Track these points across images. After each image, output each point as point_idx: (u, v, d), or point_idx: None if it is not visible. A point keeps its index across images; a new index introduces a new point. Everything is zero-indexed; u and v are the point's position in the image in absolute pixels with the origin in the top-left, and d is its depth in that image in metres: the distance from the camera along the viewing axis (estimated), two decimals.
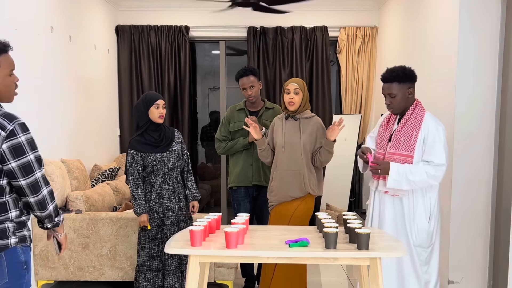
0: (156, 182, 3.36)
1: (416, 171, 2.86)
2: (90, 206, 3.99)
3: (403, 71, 2.93)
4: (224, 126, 3.85)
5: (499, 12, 3.49)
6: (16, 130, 1.95)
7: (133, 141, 3.34)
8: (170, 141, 3.39)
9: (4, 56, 2.00)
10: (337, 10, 5.99)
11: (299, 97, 3.35)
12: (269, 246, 2.48)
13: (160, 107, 3.32)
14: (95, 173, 4.87)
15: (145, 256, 3.38)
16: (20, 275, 2.02)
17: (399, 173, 2.86)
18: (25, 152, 1.97)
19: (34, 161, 2.00)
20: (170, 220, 3.38)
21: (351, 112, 6.05)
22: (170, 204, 3.38)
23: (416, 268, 2.96)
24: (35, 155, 2.01)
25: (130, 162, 3.32)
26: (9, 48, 2.02)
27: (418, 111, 2.97)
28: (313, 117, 3.42)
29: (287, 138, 3.36)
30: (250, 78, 3.73)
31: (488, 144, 3.57)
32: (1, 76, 1.99)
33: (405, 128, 2.95)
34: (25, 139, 1.98)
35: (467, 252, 3.63)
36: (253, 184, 3.79)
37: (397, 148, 2.95)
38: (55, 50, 4.26)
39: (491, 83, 3.54)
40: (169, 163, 3.35)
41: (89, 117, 5.03)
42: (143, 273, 3.38)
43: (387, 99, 2.98)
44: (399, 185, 2.88)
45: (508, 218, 3.26)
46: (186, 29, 5.93)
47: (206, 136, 7.94)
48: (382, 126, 3.14)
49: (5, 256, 1.97)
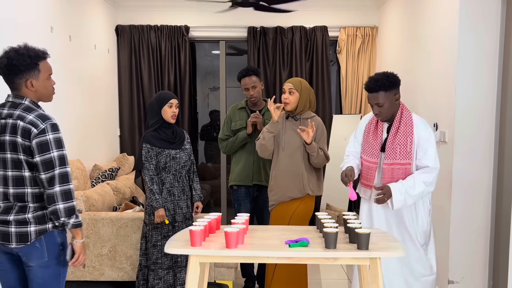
0: (167, 180, 3.38)
1: (414, 184, 2.85)
2: (90, 206, 3.99)
3: (387, 78, 2.87)
4: (226, 125, 3.86)
5: (499, 12, 3.49)
6: (47, 129, 2.23)
7: (148, 136, 3.34)
8: (183, 139, 3.44)
9: (43, 62, 2.32)
10: (337, 10, 5.99)
11: (294, 97, 3.32)
12: (269, 246, 2.48)
13: (173, 106, 3.35)
14: (95, 173, 4.87)
15: (157, 254, 3.37)
16: (57, 255, 2.34)
17: (401, 192, 2.85)
18: (49, 149, 2.23)
19: (57, 158, 2.24)
20: (180, 217, 3.41)
21: (351, 112, 6.05)
22: (180, 202, 3.41)
23: (415, 266, 2.99)
24: (59, 153, 2.25)
25: (146, 157, 3.32)
26: (47, 55, 2.36)
27: (406, 116, 2.94)
28: (313, 118, 3.41)
29: (287, 138, 3.35)
30: (252, 78, 3.73)
31: (488, 144, 3.57)
32: (42, 79, 2.32)
33: (398, 137, 2.92)
34: (53, 138, 2.24)
35: (467, 252, 3.63)
36: (253, 183, 3.79)
37: (394, 158, 2.92)
38: (55, 50, 4.26)
39: (491, 83, 3.54)
40: (181, 160, 3.39)
41: (89, 117, 5.03)
42: (155, 271, 3.38)
43: (375, 108, 2.93)
44: (403, 203, 2.88)
45: (508, 219, 3.26)
46: (186, 29, 5.93)
47: (207, 136, 7.94)
48: (369, 133, 3.06)
49: (44, 238, 2.28)
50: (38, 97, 2.36)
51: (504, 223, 3.43)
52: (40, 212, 2.29)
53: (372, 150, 3.01)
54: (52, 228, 2.30)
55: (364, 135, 3.10)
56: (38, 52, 2.31)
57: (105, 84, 5.61)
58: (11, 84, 2.32)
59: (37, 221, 2.28)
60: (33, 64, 2.27)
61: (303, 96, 3.34)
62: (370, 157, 3.02)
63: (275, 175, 3.38)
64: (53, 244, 2.31)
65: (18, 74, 2.27)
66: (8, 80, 2.31)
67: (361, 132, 3.15)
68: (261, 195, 3.83)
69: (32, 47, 2.31)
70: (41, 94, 2.35)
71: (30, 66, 2.27)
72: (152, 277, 3.38)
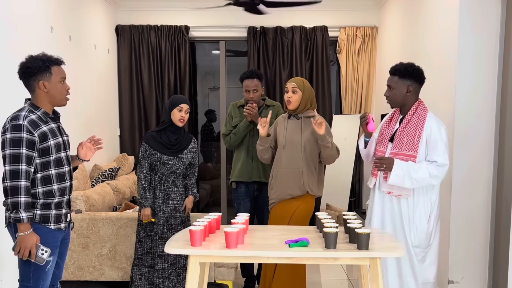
0: (154, 180, 3.43)
1: (419, 169, 2.85)
2: (90, 206, 3.99)
3: (406, 67, 2.97)
4: (229, 121, 3.90)
5: (499, 12, 3.49)
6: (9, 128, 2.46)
7: (148, 135, 3.44)
8: (183, 148, 3.46)
9: (56, 66, 2.56)
10: (337, 10, 5.98)
11: (297, 96, 3.35)
12: (269, 246, 2.48)
13: (183, 111, 3.39)
14: (95, 173, 4.87)
15: (142, 250, 3.45)
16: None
17: (402, 168, 2.85)
18: (4, 147, 2.47)
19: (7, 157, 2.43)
20: (161, 220, 3.42)
21: (351, 112, 6.05)
22: (163, 206, 3.43)
23: (415, 268, 2.97)
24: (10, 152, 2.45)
25: (143, 154, 3.43)
26: (61, 62, 2.60)
27: (420, 110, 2.96)
28: (315, 116, 3.42)
29: (288, 137, 3.37)
30: (255, 81, 3.75)
31: (488, 143, 3.57)
32: (53, 82, 2.54)
33: (407, 127, 2.94)
34: (9, 138, 2.45)
35: (467, 252, 3.63)
36: (253, 180, 3.80)
37: (400, 148, 2.94)
38: (55, 50, 4.25)
39: (491, 83, 3.54)
40: (172, 167, 3.41)
41: (89, 117, 5.03)
42: (138, 266, 3.46)
43: (386, 90, 3.03)
44: (400, 181, 2.87)
45: (508, 218, 3.26)
46: (186, 29, 5.93)
47: (206, 136, 7.95)
48: (385, 124, 3.13)
49: (13, 227, 2.49)
50: (51, 100, 2.56)
51: (504, 223, 3.43)
52: None
53: (382, 140, 3.06)
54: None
55: (381, 127, 3.16)
56: (51, 57, 2.55)
57: (105, 84, 5.61)
58: (28, 87, 2.54)
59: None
60: (45, 67, 2.50)
61: (305, 95, 3.37)
62: (380, 147, 3.07)
63: (276, 173, 3.40)
64: (15, 234, 2.50)
65: (32, 76, 2.49)
66: (25, 83, 2.54)
67: (378, 129, 3.20)
68: (262, 194, 3.83)
69: (47, 54, 2.56)
70: (53, 97, 2.55)
71: (42, 69, 2.49)
72: (135, 272, 3.45)
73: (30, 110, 2.49)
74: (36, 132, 2.46)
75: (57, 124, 2.63)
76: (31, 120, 2.46)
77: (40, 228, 2.51)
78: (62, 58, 2.62)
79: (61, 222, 2.60)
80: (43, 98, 2.53)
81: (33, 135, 2.44)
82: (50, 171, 2.53)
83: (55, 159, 2.54)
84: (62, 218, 2.61)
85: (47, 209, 2.53)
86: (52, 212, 2.55)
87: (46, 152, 2.50)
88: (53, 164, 2.54)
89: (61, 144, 2.59)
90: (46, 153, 2.50)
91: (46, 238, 2.52)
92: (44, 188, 2.52)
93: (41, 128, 2.48)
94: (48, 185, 2.53)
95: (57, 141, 2.55)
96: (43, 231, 2.52)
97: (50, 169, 2.53)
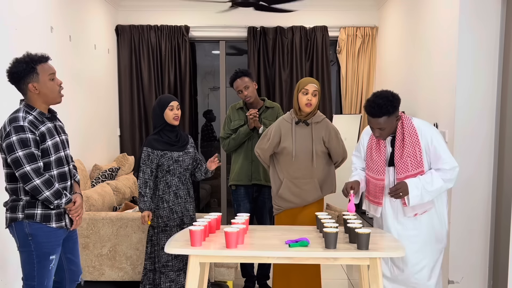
0: (173, 182, 3.37)
1: (432, 181, 2.77)
2: (90, 206, 3.99)
3: (391, 103, 2.71)
4: (227, 124, 3.87)
5: (499, 12, 3.49)
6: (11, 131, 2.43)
7: (150, 139, 3.39)
8: (186, 143, 3.44)
9: (41, 65, 2.47)
10: (337, 10, 5.98)
11: (316, 99, 3.26)
12: (269, 246, 2.48)
13: (174, 108, 3.36)
14: (95, 173, 4.87)
15: (167, 257, 3.35)
16: (27, 244, 2.51)
17: (418, 187, 2.76)
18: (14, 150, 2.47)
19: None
20: (187, 219, 3.41)
21: (351, 112, 6.05)
22: (187, 204, 3.41)
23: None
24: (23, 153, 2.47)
25: (144, 160, 3.34)
26: (46, 59, 2.49)
27: (407, 125, 2.82)
28: (323, 120, 3.35)
29: (298, 146, 3.25)
30: (244, 79, 3.73)
31: (488, 143, 3.57)
32: (42, 81, 2.47)
33: (406, 150, 2.81)
34: (16, 139, 2.44)
35: (467, 252, 3.63)
36: (253, 183, 3.79)
37: (407, 171, 2.82)
38: (55, 50, 4.26)
39: (491, 83, 3.54)
40: (184, 163, 3.39)
41: (89, 117, 5.03)
42: (165, 273, 3.36)
43: (376, 131, 2.80)
44: (419, 199, 2.78)
45: (508, 218, 3.26)
46: (186, 29, 5.93)
47: (206, 136, 7.94)
48: (372, 149, 2.95)
49: (15, 226, 2.52)
50: (45, 99, 2.52)
51: (504, 223, 3.43)
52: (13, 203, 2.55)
53: (377, 167, 2.91)
54: (22, 219, 2.50)
55: (367, 151, 3.00)
56: (34, 57, 2.46)
57: (105, 84, 5.61)
58: (20, 91, 2.50)
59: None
60: (30, 69, 2.43)
61: (319, 98, 3.31)
62: (376, 174, 2.92)
63: (288, 183, 3.28)
64: (22, 233, 2.51)
65: (20, 80, 2.45)
66: (16, 88, 2.51)
67: (363, 147, 3.06)
68: (261, 196, 3.83)
69: (30, 54, 2.47)
70: (46, 96, 2.51)
71: (28, 71, 2.43)
72: (163, 280, 3.36)
73: (26, 111, 2.48)
74: (37, 132, 2.46)
75: (54, 123, 2.61)
76: (30, 120, 2.46)
77: (42, 227, 2.51)
78: (46, 54, 2.53)
79: (63, 220, 2.60)
80: (36, 99, 2.50)
81: (35, 135, 2.45)
82: (52, 172, 2.53)
83: (55, 159, 2.54)
84: (63, 216, 2.61)
85: (48, 208, 2.53)
86: (53, 210, 2.55)
87: (45, 153, 2.50)
88: (54, 165, 2.54)
89: (59, 143, 2.58)
90: (45, 154, 2.50)
91: (48, 237, 2.52)
92: None
93: (40, 129, 2.48)
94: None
95: (54, 141, 2.55)
96: (44, 231, 2.52)
97: (52, 170, 2.53)
